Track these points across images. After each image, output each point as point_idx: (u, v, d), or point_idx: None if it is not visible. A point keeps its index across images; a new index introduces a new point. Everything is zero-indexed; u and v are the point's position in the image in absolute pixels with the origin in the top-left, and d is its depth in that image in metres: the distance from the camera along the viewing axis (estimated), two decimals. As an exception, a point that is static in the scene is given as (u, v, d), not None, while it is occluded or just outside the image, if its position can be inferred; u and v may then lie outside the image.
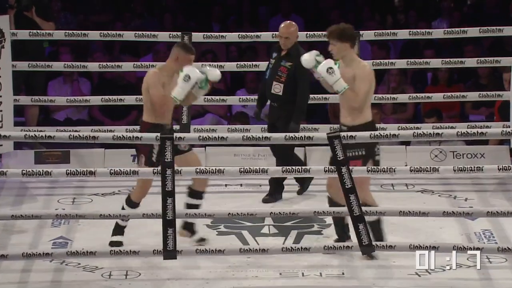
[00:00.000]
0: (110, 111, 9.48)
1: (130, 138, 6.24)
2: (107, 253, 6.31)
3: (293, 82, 7.67)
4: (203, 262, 6.52)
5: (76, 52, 10.01)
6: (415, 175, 6.61)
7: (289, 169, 6.30)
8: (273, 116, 7.85)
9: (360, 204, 6.18)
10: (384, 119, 9.28)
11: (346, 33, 6.54)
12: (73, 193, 8.01)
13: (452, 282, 6.27)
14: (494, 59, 8.45)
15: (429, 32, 8.60)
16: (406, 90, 9.44)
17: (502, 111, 8.65)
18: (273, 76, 7.77)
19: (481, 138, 6.59)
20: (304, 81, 7.69)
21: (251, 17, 11.26)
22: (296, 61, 7.49)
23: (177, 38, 8.45)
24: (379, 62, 8.62)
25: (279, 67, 7.76)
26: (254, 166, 6.42)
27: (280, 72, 7.74)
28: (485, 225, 7.09)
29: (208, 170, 6.32)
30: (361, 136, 6.29)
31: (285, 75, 7.70)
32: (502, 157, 8.36)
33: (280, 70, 7.75)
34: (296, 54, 7.60)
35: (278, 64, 7.78)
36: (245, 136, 6.27)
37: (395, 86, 9.54)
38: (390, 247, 6.35)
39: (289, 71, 7.68)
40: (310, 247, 6.42)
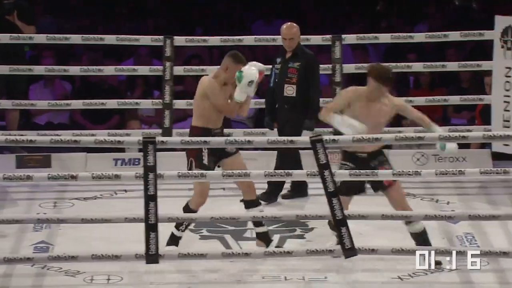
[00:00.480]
0: (91, 115, 9.45)
1: (112, 142, 6.21)
2: (89, 257, 6.28)
3: (305, 82, 7.70)
4: (186, 266, 6.51)
5: (59, 56, 9.99)
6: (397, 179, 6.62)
7: (271, 173, 6.30)
8: (282, 119, 7.83)
9: (342, 207, 6.19)
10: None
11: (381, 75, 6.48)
12: (54, 197, 7.98)
13: (434, 285, 6.29)
14: (475, 63, 8.49)
15: (411, 36, 8.63)
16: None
17: (483, 115, 8.69)
18: (283, 79, 7.79)
19: (463, 141, 6.63)
20: (315, 78, 7.77)
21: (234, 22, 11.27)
22: (304, 60, 7.60)
23: (159, 42, 8.44)
24: (361, 66, 8.64)
25: (288, 69, 7.76)
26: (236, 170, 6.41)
27: (290, 73, 7.75)
28: (467, 229, 7.12)
29: (190, 174, 6.32)
30: (344, 140, 6.30)
31: (296, 76, 7.73)
32: (484, 161, 8.39)
33: (290, 71, 7.76)
34: (302, 54, 7.71)
35: (286, 67, 7.79)
36: (228, 140, 6.27)
37: (377, 90, 9.56)
38: (373, 251, 6.36)
39: (299, 71, 7.71)
40: (292, 251, 6.42)
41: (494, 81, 8.28)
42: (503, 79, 8.16)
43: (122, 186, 8.05)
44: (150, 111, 9.55)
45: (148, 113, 9.60)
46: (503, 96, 8.18)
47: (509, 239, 6.98)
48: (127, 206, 7.65)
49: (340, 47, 8.28)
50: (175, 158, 8.22)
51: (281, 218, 6.51)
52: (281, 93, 7.81)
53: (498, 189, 8.01)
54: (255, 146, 6.52)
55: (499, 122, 8.21)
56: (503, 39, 8.15)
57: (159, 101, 8.57)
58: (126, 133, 8.56)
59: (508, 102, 8.15)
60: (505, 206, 7.65)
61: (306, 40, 8.53)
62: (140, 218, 6.21)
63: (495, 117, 8.26)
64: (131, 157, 8.55)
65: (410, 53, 9.96)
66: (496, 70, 8.23)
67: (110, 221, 6.42)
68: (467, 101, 8.65)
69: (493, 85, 8.30)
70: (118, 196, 8.01)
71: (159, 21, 11.13)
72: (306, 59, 7.76)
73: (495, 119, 8.26)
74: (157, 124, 9.15)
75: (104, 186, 7.97)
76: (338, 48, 8.31)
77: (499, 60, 8.18)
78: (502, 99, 8.18)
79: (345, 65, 8.46)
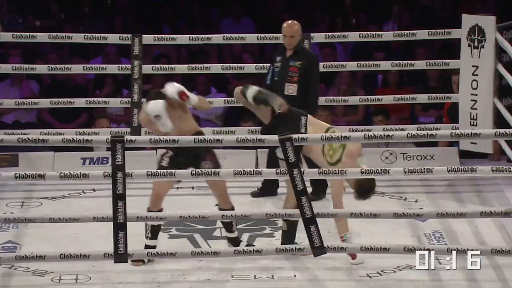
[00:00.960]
0: (59, 114, 9.40)
1: (80, 141, 6.19)
2: (57, 257, 6.25)
3: (305, 81, 7.66)
4: (155, 265, 6.50)
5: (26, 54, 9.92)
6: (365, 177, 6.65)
7: (241, 171, 6.30)
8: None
9: (311, 206, 6.21)
10: (336, 122, 9.34)
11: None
12: (22, 196, 7.92)
13: (402, 283, 6.33)
14: (443, 61, 8.54)
15: (379, 34, 8.67)
16: (357, 93, 9.51)
17: (451, 113, 8.75)
18: (284, 78, 7.71)
19: (430, 140, 6.68)
20: (315, 78, 7.72)
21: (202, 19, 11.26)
22: (305, 59, 7.55)
23: (128, 41, 8.41)
24: (330, 65, 8.67)
25: (289, 68, 7.73)
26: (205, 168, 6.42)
27: (291, 72, 7.71)
28: (435, 226, 7.16)
29: (159, 173, 6.30)
30: (313, 139, 6.32)
31: (297, 74, 7.67)
32: (451, 159, 8.44)
33: (291, 70, 7.71)
34: (303, 52, 7.66)
35: (286, 65, 7.72)
36: (197, 138, 6.26)
37: (346, 88, 9.60)
38: (342, 249, 6.39)
39: (300, 70, 7.65)
40: (262, 250, 6.43)
41: (461, 80, 8.33)
42: (470, 78, 8.22)
43: (90, 185, 8.01)
44: (118, 109, 9.52)
45: (117, 112, 9.57)
46: (470, 95, 8.23)
47: (476, 236, 7.03)
48: (95, 205, 7.61)
49: (308, 45, 8.29)
50: (144, 157, 8.21)
51: (250, 216, 6.52)
52: (281, 92, 7.74)
53: (465, 187, 8.07)
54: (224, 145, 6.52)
55: (466, 120, 8.26)
56: (470, 38, 8.20)
57: (127, 100, 8.54)
58: (94, 131, 8.52)
59: (475, 100, 8.21)
60: (472, 204, 7.71)
61: (275, 38, 8.54)
62: (108, 217, 6.19)
63: (462, 116, 8.32)
64: (100, 156, 8.51)
65: (377, 52, 10.00)
66: (463, 69, 8.28)
67: (78, 220, 6.39)
68: (434, 100, 8.70)
69: (461, 84, 8.35)
70: (86, 195, 7.98)
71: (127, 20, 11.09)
72: (308, 58, 7.70)
73: (463, 117, 8.31)
74: (126, 123, 9.12)
75: (72, 185, 7.93)
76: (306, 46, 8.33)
77: (466, 58, 8.24)
78: (469, 98, 8.23)
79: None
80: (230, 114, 9.71)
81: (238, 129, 8.59)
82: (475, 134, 6.45)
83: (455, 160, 8.43)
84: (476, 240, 6.97)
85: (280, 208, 6.69)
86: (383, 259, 6.54)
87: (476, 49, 8.17)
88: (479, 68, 8.15)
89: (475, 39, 8.17)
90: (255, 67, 8.67)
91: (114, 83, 9.72)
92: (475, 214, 6.52)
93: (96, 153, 8.55)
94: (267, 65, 8.60)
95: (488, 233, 7.03)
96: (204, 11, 11.38)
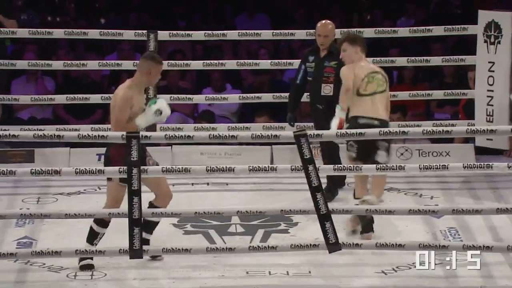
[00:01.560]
0: (75, 110, 9.42)
1: (96, 137, 6.20)
2: (73, 253, 6.27)
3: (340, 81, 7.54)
4: (170, 261, 6.50)
5: (42, 50, 9.94)
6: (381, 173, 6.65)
7: (256, 168, 6.29)
8: (320, 118, 7.66)
9: (326, 202, 6.20)
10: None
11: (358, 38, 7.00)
12: (37, 192, 7.95)
13: (417, 280, 6.31)
14: (458, 57, 8.51)
15: (395, 30, 8.64)
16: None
17: (466, 110, 8.72)
18: (319, 78, 7.68)
19: (446, 136, 6.64)
20: None
21: (216, 15, 11.26)
22: (338, 59, 7.41)
23: (143, 37, 8.42)
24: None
25: (324, 68, 7.69)
26: (220, 164, 6.41)
27: (327, 73, 7.67)
28: (450, 223, 7.14)
29: (174, 169, 6.30)
30: (328, 135, 6.32)
31: (333, 75, 7.63)
32: (467, 155, 8.42)
33: (326, 71, 7.67)
34: (337, 52, 7.52)
35: (321, 66, 7.68)
36: (212, 134, 6.26)
37: (361, 84, 9.57)
38: (357, 245, 6.37)
39: (336, 70, 7.59)
40: (277, 246, 6.42)
41: (477, 76, 8.31)
42: (486, 74, 8.19)
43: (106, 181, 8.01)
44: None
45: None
46: (486, 91, 8.20)
47: (492, 233, 7.01)
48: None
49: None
50: (159, 153, 8.22)
51: (265, 212, 6.51)
52: (317, 93, 7.67)
53: (481, 184, 8.04)
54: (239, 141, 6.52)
55: (482, 116, 8.24)
56: (486, 34, 8.17)
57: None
58: (109, 127, 8.52)
59: (491, 96, 8.18)
60: (487, 200, 7.68)
61: (291, 35, 8.52)
62: (123, 213, 6.19)
63: (478, 112, 8.29)
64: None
65: (393, 48, 9.97)
66: (479, 65, 8.26)
67: (94, 216, 6.41)
68: (450, 96, 8.67)
69: (477, 80, 8.32)
70: (101, 191, 7.97)
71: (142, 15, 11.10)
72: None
73: (479, 113, 8.28)
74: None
75: (87, 181, 7.94)
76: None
77: (482, 54, 8.21)
78: (485, 94, 8.21)
79: (329, 60, 8.47)
80: (245, 110, 9.70)
81: (253, 125, 8.58)
82: (491, 131, 6.43)
83: (471, 156, 8.40)
84: (492, 236, 6.94)
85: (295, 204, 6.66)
86: (398, 255, 6.52)
87: (492, 45, 8.13)
88: (496, 64, 8.12)
89: (492, 35, 8.13)
90: (270, 63, 8.66)
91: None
92: (491, 210, 6.50)
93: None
94: (282, 61, 8.60)
95: (505, 230, 7.00)
96: (219, 7, 11.38)
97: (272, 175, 7.70)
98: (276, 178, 7.98)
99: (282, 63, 8.67)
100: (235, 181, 7.88)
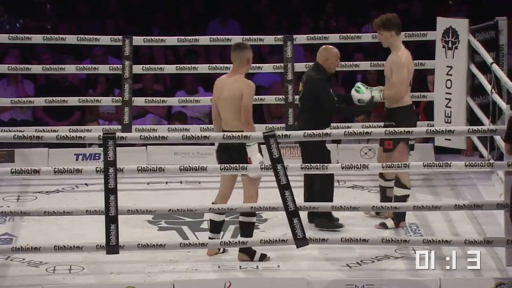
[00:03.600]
0: (53, 112, 9.36)
1: (74, 138, 6.17)
2: (51, 248, 6.23)
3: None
4: (145, 256, 6.48)
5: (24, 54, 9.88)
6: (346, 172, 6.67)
7: (228, 167, 6.29)
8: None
9: (294, 200, 6.20)
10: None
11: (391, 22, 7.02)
12: (17, 191, 7.89)
13: (380, 272, 6.33)
14: (419, 62, 8.54)
15: (359, 36, 8.67)
16: (337, 91, 9.49)
17: (427, 111, 8.77)
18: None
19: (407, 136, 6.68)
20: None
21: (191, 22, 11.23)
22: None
23: (119, 42, 8.38)
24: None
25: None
26: (193, 164, 6.40)
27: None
28: (411, 219, 7.17)
29: (149, 168, 6.29)
30: (296, 135, 6.33)
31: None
32: (427, 154, 8.45)
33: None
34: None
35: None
36: (185, 135, 6.25)
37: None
38: (323, 240, 6.38)
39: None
40: (247, 241, 6.42)
41: (436, 79, 8.36)
42: (445, 78, 8.24)
43: (83, 180, 7.98)
44: (110, 108, 9.49)
45: (108, 110, 9.54)
46: (445, 94, 8.25)
47: (450, 228, 7.05)
48: (88, 199, 7.59)
49: (291, 47, 8.29)
50: (135, 153, 8.19)
51: (236, 209, 6.51)
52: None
53: (440, 181, 8.08)
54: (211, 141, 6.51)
55: (441, 118, 8.29)
56: (444, 40, 8.22)
57: (119, 99, 8.51)
58: (87, 129, 8.49)
59: (449, 99, 8.23)
60: (446, 197, 7.72)
61: (260, 40, 8.53)
62: (100, 210, 6.17)
63: (437, 113, 8.34)
64: (92, 152, 8.48)
65: (357, 53, 10.00)
66: (438, 69, 8.31)
67: (71, 213, 6.37)
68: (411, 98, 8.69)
69: (435, 83, 8.37)
70: (79, 189, 7.95)
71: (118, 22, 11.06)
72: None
73: (438, 115, 8.33)
74: (117, 121, 9.09)
75: (65, 180, 7.90)
76: (289, 48, 8.33)
77: (441, 59, 8.26)
78: (444, 96, 8.26)
79: (296, 64, 8.47)
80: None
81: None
82: (450, 131, 6.48)
83: (430, 155, 8.44)
84: (450, 231, 6.98)
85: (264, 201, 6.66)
86: (363, 250, 6.55)
87: (450, 50, 8.19)
88: (453, 68, 8.17)
89: (449, 40, 8.19)
90: (241, 67, 8.65)
91: (107, 82, 9.69)
92: (450, 207, 6.53)
93: (89, 149, 8.52)
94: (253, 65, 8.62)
95: (462, 225, 7.05)
96: (193, 14, 11.36)
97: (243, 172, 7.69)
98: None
99: (252, 67, 8.67)
100: (207, 179, 7.87)
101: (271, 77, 9.77)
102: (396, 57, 7.05)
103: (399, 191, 7.02)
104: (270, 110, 9.34)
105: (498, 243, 6.27)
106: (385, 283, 6.11)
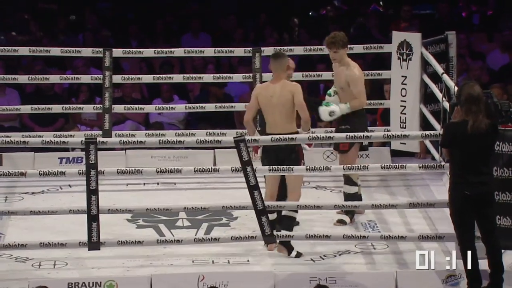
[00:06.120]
0: (39, 119, 9.30)
1: (58, 142, 6.16)
2: (37, 245, 6.21)
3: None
4: (124, 252, 6.45)
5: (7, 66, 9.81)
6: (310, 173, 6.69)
7: (201, 169, 6.29)
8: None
9: (262, 199, 6.22)
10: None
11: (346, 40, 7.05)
12: (5, 192, 7.82)
13: (342, 266, 6.36)
14: (376, 72, 8.60)
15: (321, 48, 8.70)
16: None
17: (383, 117, 8.82)
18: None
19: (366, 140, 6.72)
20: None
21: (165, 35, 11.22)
22: None
23: (99, 54, 8.34)
24: (278, 75, 8.66)
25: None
26: (169, 166, 6.39)
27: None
28: (370, 217, 7.21)
29: (128, 171, 6.27)
30: (264, 140, 6.34)
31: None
32: (384, 157, 8.49)
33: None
34: None
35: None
36: (161, 140, 6.25)
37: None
38: (289, 237, 6.40)
39: None
40: (219, 238, 6.42)
41: (392, 88, 8.40)
42: (400, 86, 8.29)
43: (66, 182, 7.93)
44: (92, 115, 9.45)
45: (90, 117, 9.50)
46: (400, 101, 8.30)
47: (405, 225, 7.09)
48: (71, 199, 7.54)
49: (259, 58, 8.30)
50: (115, 156, 8.16)
51: (209, 208, 6.51)
52: None
53: (396, 182, 8.12)
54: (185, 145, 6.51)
55: (396, 123, 8.33)
56: (399, 52, 8.28)
57: (99, 106, 8.47)
58: (70, 134, 8.45)
59: (404, 106, 8.28)
60: (402, 196, 7.77)
61: (230, 52, 8.53)
62: (83, 210, 6.15)
63: (393, 119, 8.38)
64: (75, 156, 8.43)
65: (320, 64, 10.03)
66: (394, 79, 8.35)
67: (56, 212, 6.36)
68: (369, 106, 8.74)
69: (391, 92, 8.42)
70: (63, 190, 7.90)
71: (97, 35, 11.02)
72: None
73: (393, 121, 8.38)
74: (98, 127, 9.06)
75: (50, 181, 7.84)
76: (257, 59, 8.34)
77: (396, 70, 8.31)
78: (399, 104, 8.30)
79: (265, 74, 8.48)
80: (190, 118, 9.69)
81: (198, 131, 8.56)
82: (405, 136, 6.55)
83: (387, 158, 8.48)
84: (406, 228, 7.03)
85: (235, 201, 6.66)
86: (325, 245, 6.57)
87: (404, 61, 8.24)
88: (407, 78, 8.22)
89: (404, 52, 8.24)
90: (213, 77, 8.66)
91: (89, 90, 9.65)
92: (405, 205, 6.59)
93: (72, 153, 8.47)
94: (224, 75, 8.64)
95: (416, 222, 7.10)
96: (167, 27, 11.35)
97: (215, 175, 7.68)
98: (218, 178, 7.96)
99: (223, 77, 8.69)
100: (182, 181, 7.86)
101: (240, 87, 9.78)
102: (352, 72, 7.06)
103: (349, 189, 7.04)
104: (240, 116, 9.32)
105: (449, 238, 6.32)
106: (346, 276, 6.13)
